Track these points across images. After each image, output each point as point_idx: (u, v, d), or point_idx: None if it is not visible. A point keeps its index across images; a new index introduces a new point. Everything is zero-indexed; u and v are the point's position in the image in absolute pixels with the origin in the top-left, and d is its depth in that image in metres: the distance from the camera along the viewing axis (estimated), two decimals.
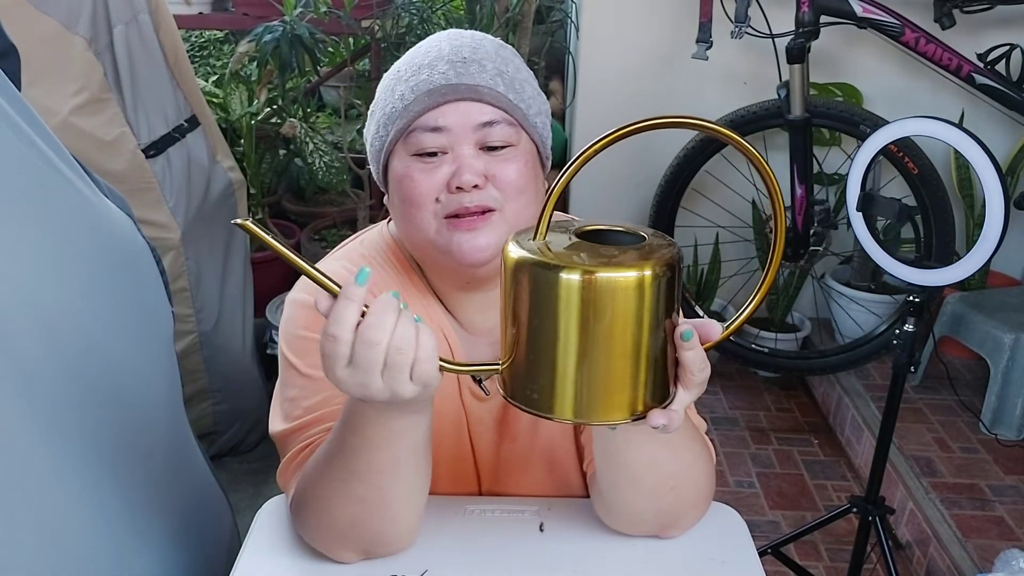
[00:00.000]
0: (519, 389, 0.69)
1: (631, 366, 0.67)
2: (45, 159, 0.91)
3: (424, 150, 0.91)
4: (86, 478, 0.92)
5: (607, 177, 2.84)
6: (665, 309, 0.67)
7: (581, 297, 0.64)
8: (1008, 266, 2.76)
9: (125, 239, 1.04)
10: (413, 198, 0.91)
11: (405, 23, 2.63)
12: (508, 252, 0.67)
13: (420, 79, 0.92)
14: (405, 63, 0.96)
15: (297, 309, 0.97)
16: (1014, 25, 2.52)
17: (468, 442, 1.02)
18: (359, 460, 0.82)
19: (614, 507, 0.94)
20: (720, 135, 0.68)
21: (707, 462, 0.93)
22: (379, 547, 0.91)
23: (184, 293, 2.13)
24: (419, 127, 0.90)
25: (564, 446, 1.04)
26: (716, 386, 2.82)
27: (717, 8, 2.32)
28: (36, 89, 1.68)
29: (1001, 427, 2.29)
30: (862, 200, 1.64)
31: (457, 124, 0.90)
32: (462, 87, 0.90)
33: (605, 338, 0.65)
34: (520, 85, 0.95)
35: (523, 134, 0.94)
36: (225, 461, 2.33)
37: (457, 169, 0.89)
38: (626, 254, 0.66)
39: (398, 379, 0.70)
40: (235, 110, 2.79)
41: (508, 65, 0.95)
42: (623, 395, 0.67)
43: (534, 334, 0.66)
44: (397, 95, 0.93)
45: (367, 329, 0.69)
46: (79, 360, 0.92)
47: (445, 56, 0.93)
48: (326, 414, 0.92)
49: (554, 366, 0.66)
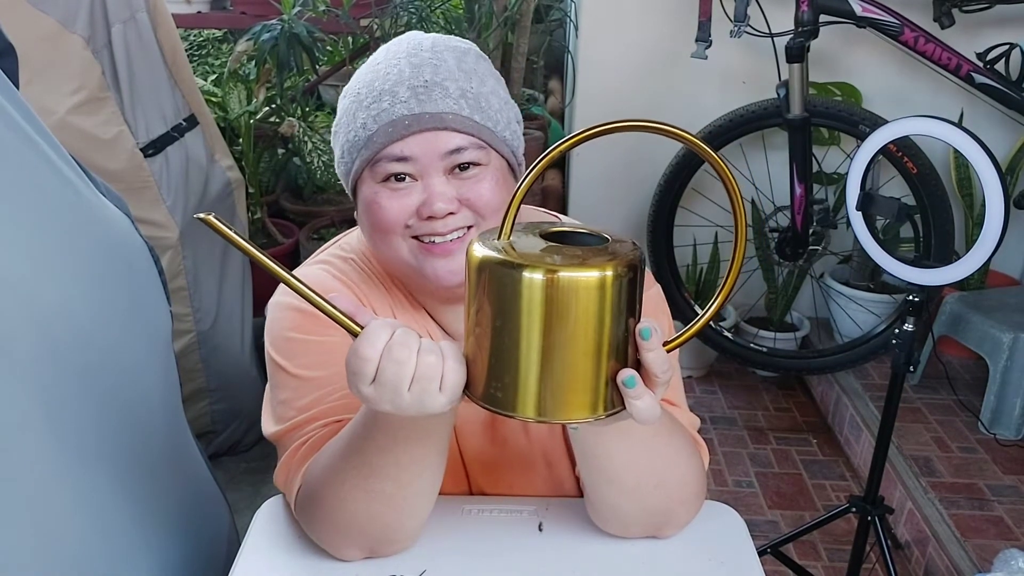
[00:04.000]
0: (482, 387, 0.69)
1: (593, 366, 0.67)
2: (43, 157, 0.91)
3: (392, 175, 0.90)
4: (84, 477, 0.92)
5: (606, 177, 2.84)
6: (627, 310, 0.67)
7: (543, 296, 0.64)
8: (1007, 266, 2.76)
9: (123, 238, 1.04)
10: (382, 224, 0.91)
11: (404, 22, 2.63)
12: (472, 251, 0.68)
13: (381, 108, 0.89)
14: (364, 85, 0.92)
15: (282, 312, 0.96)
16: (1013, 24, 2.52)
17: (456, 445, 1.02)
18: (385, 457, 0.81)
19: (602, 509, 0.93)
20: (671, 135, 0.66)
21: (694, 458, 0.92)
22: (387, 544, 0.91)
23: (182, 292, 2.12)
24: (384, 157, 0.89)
25: (556, 450, 1.03)
26: (714, 385, 2.82)
27: (716, 7, 2.32)
28: (34, 88, 1.67)
29: (1000, 427, 2.29)
30: (861, 199, 1.64)
31: (423, 154, 0.88)
32: (425, 117, 0.88)
33: (567, 337, 0.65)
34: (486, 100, 0.92)
35: (492, 152, 0.92)
36: (223, 460, 2.33)
37: (428, 198, 0.88)
38: (589, 254, 0.66)
39: (428, 390, 0.70)
40: (233, 109, 2.78)
41: (472, 80, 0.91)
42: (585, 394, 0.67)
43: (497, 333, 0.66)
44: (359, 123, 0.91)
45: (395, 347, 0.70)
46: (76, 359, 0.92)
47: (406, 80, 0.89)
48: (319, 412, 0.92)
49: (517, 365, 0.66)
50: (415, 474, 0.83)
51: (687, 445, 0.92)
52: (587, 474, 0.89)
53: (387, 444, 0.80)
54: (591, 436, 0.83)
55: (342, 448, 0.85)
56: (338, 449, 0.85)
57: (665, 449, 0.88)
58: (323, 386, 0.92)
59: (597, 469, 0.87)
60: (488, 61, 0.97)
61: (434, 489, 0.88)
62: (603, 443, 0.84)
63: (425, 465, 0.83)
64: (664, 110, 2.70)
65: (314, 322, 0.93)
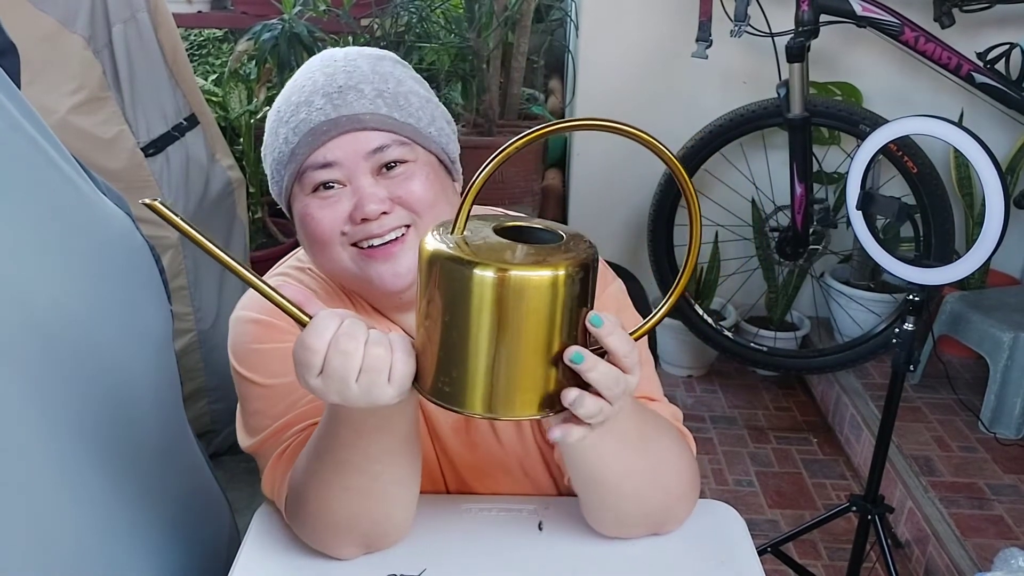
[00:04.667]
0: (431, 381, 0.68)
1: (542, 364, 0.66)
2: (45, 157, 0.91)
3: (320, 184, 0.90)
4: (83, 477, 0.92)
5: (607, 177, 2.84)
6: (579, 308, 0.66)
7: (494, 295, 0.63)
8: (1007, 265, 2.76)
9: (124, 237, 1.04)
10: (318, 236, 0.91)
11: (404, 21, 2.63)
12: (424, 244, 0.66)
13: (299, 119, 0.90)
14: (284, 101, 0.93)
15: (242, 326, 0.96)
16: (1013, 24, 2.52)
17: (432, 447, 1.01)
18: (353, 451, 0.81)
19: (600, 516, 0.93)
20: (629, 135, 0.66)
21: (684, 451, 0.92)
22: (380, 537, 0.91)
23: (183, 292, 2.13)
24: (309, 167, 0.89)
25: (530, 457, 1.02)
26: (715, 384, 2.82)
27: (717, 7, 2.32)
28: (35, 87, 1.67)
29: (1000, 426, 2.29)
30: (862, 199, 1.64)
31: (346, 157, 0.89)
32: (342, 120, 0.88)
33: (517, 336, 0.64)
34: (404, 99, 0.92)
35: (418, 149, 0.92)
36: (223, 460, 2.32)
37: (358, 201, 0.88)
38: (543, 251, 0.65)
39: (376, 382, 0.69)
40: (234, 108, 2.79)
41: (388, 82, 0.92)
42: (536, 392, 0.67)
43: (446, 328, 0.65)
44: (281, 138, 0.91)
45: (342, 338, 0.69)
46: (76, 358, 0.92)
47: (320, 89, 0.90)
48: (293, 418, 0.92)
49: (465, 360, 0.65)
50: (387, 464, 0.83)
51: (675, 440, 0.91)
52: (583, 486, 0.89)
53: (352, 439, 0.80)
54: (591, 452, 0.83)
55: (313, 449, 0.85)
56: (311, 451, 0.85)
57: (654, 447, 0.88)
58: (292, 391, 0.92)
59: (593, 479, 0.87)
60: (408, 67, 0.98)
61: (413, 478, 0.88)
62: (596, 452, 0.83)
63: (395, 455, 0.83)
64: (664, 110, 2.70)
65: (273, 330, 0.93)
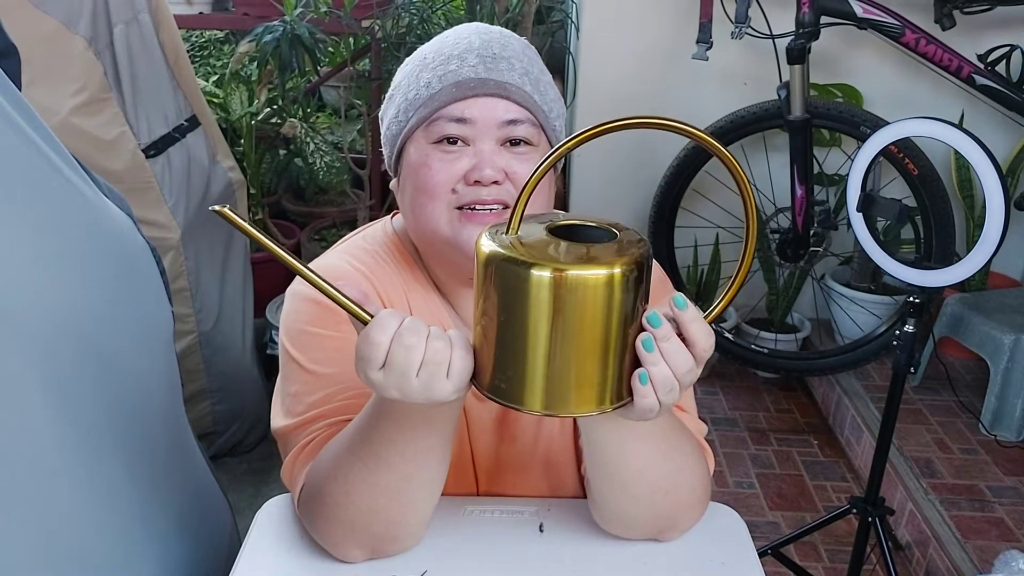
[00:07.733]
0: (488, 378, 0.69)
1: (600, 360, 0.67)
2: (45, 159, 0.91)
3: (446, 137, 0.91)
4: (86, 477, 0.92)
5: (607, 177, 2.85)
6: (635, 303, 0.67)
7: (551, 294, 0.64)
8: (1008, 267, 2.76)
9: (125, 239, 1.04)
10: (429, 187, 0.91)
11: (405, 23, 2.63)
12: (480, 245, 0.67)
13: (449, 69, 0.91)
14: (432, 51, 0.95)
15: (299, 302, 0.96)
16: (1014, 26, 2.52)
17: (467, 443, 1.02)
18: (391, 447, 0.81)
19: (609, 512, 0.93)
20: (691, 135, 0.67)
21: (702, 464, 0.92)
22: (390, 542, 0.90)
23: (184, 293, 2.13)
24: (443, 116, 0.91)
25: (563, 448, 1.03)
26: (715, 386, 2.82)
27: (717, 9, 2.32)
28: (36, 89, 1.68)
29: (1001, 428, 2.29)
30: (862, 201, 1.64)
31: (482, 118, 0.90)
32: (491, 83, 0.90)
33: (574, 334, 0.65)
34: (544, 87, 0.95)
35: (543, 136, 0.94)
36: (224, 461, 2.33)
37: (478, 163, 0.90)
38: (597, 251, 0.66)
39: (436, 375, 0.70)
40: (235, 110, 2.79)
41: (534, 66, 0.95)
42: (592, 388, 0.68)
43: (503, 327, 0.66)
44: (423, 82, 0.93)
45: (405, 332, 0.70)
46: (81, 361, 0.92)
47: (475, 49, 0.92)
48: (327, 411, 0.92)
49: (523, 359, 0.66)
50: (420, 465, 0.83)
51: (696, 451, 0.92)
52: (599, 481, 0.89)
53: (393, 434, 0.80)
54: (612, 443, 0.83)
55: (348, 441, 0.85)
56: (344, 443, 0.85)
57: (676, 453, 0.88)
58: (334, 383, 0.92)
59: (610, 474, 0.87)
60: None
61: (438, 485, 0.88)
62: (619, 447, 0.84)
63: (430, 457, 0.83)
64: (665, 111, 2.66)
65: (329, 316, 0.93)
